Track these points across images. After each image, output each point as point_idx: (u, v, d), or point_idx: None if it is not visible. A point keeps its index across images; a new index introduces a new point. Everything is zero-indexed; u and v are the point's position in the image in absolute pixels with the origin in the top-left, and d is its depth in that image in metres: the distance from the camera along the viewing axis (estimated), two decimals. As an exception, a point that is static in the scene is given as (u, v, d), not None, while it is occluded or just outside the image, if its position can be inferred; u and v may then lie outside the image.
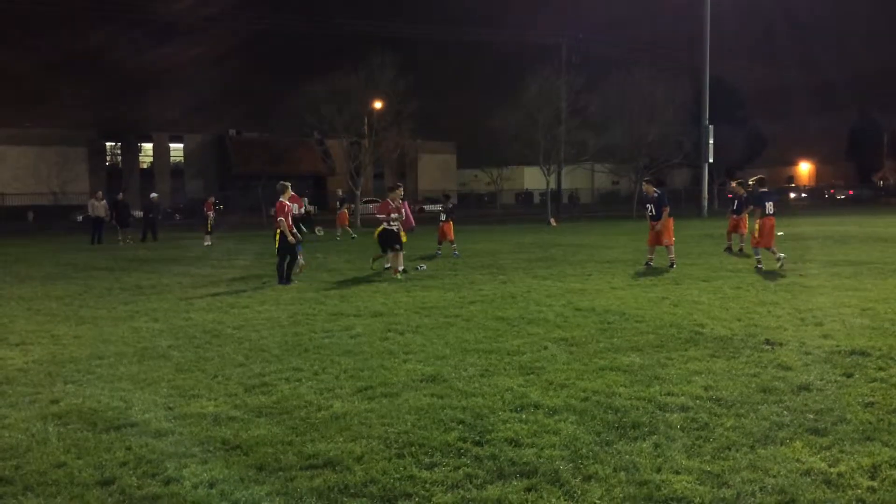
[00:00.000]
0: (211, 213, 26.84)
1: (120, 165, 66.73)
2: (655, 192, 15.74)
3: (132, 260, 20.24)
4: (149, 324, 9.91)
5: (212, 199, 28.47)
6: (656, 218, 15.41)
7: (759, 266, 14.45)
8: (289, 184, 14.49)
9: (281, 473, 4.61)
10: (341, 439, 5.16)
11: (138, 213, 37.26)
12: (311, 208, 25.79)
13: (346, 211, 29.14)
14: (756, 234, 14.82)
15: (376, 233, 15.14)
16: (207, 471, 4.66)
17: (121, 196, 29.70)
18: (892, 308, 9.81)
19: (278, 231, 13.83)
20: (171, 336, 9.01)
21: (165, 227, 37.64)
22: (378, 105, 43.66)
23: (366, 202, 48.90)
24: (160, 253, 22.73)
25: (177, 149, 70.39)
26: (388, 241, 14.92)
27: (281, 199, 13.99)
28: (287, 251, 13.95)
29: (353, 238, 27.13)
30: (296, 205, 16.19)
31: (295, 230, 14.07)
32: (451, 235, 19.42)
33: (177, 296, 12.60)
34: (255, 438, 5.21)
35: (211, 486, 4.46)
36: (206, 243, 25.31)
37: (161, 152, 69.41)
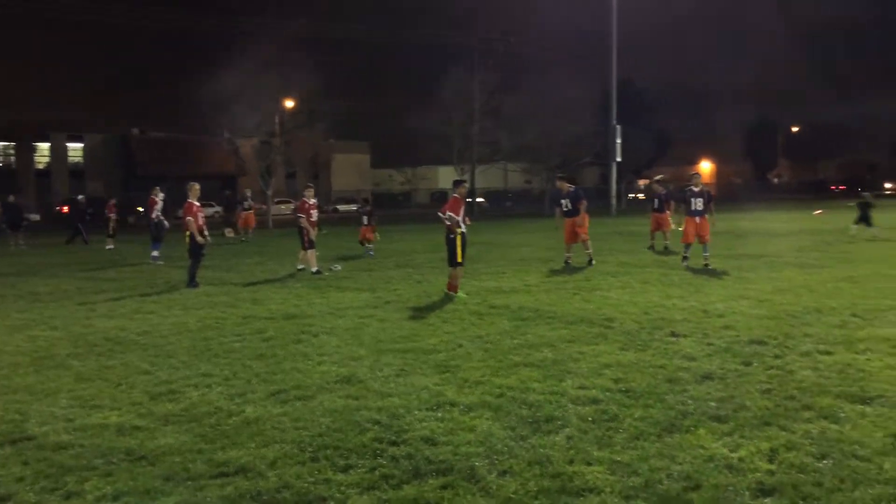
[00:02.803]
0: (113, 216, 25.79)
1: (14, 166, 63.36)
2: (570, 187, 15.86)
3: (28, 265, 19.22)
4: (46, 332, 9.43)
5: (114, 201, 27.33)
6: (573, 213, 15.45)
7: (686, 263, 14.47)
8: (196, 184, 14.10)
9: (190, 483, 4.46)
10: (253, 445, 5.05)
11: (35, 217, 35.32)
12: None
13: (252, 213, 28.40)
14: (685, 231, 14.66)
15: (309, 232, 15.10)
16: (111, 483, 4.47)
17: (11, 198, 28.17)
18: (786, 299, 10.33)
19: (188, 233, 13.50)
20: (70, 344, 8.61)
21: (61, 232, 35.93)
22: (289, 104, 42.93)
23: (278, 202, 48.08)
24: (58, 258, 21.66)
25: (76, 148, 67.23)
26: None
27: (189, 200, 13.62)
28: (197, 253, 13.60)
29: (242, 240, 26.38)
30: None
31: (206, 232, 13.71)
32: (371, 236, 19.83)
33: (76, 302, 12.04)
34: (162, 448, 5.03)
35: (115, 498, 4.28)
36: (108, 247, 24.31)
37: (59, 152, 66.22)
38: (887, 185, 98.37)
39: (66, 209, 25.61)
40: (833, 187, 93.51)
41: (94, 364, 7.56)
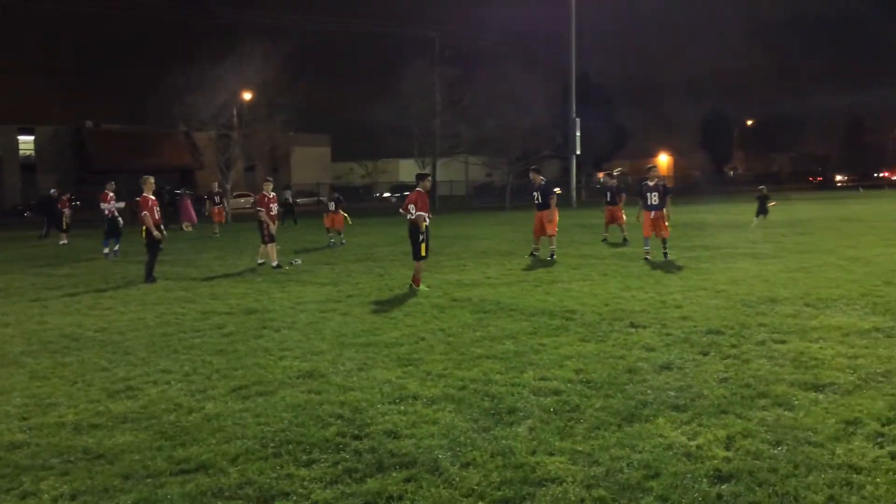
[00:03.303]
0: (67, 210, 25.20)
1: (-39, 159, 61.54)
2: (542, 180, 15.90)
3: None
4: (-1, 329, 9.20)
5: (68, 196, 26.68)
6: (543, 206, 15.51)
7: (647, 257, 14.48)
8: (151, 178, 13.88)
9: (149, 480, 4.40)
10: (214, 441, 4.99)
11: None
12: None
13: (223, 206, 28.06)
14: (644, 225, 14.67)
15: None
16: (68, 482, 4.39)
17: None
18: (742, 290, 10.54)
19: (144, 227, 13.31)
20: (23, 341, 8.41)
21: (13, 227, 35.07)
22: (248, 96, 42.32)
23: (237, 196, 47.49)
24: (11, 253, 21.13)
25: (27, 141, 65.50)
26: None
27: (144, 194, 13.42)
28: (154, 248, 13.40)
29: (215, 234, 26.13)
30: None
31: (162, 226, 13.51)
32: (341, 225, 20.45)
33: (29, 298, 11.76)
34: (121, 446, 4.96)
35: (72, 498, 4.21)
36: (61, 242, 23.77)
37: (9, 145, 64.43)
38: (838, 178, 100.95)
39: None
40: (810, 178, 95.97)
41: (49, 362, 7.40)
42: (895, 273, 11.71)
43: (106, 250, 18.58)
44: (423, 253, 11.47)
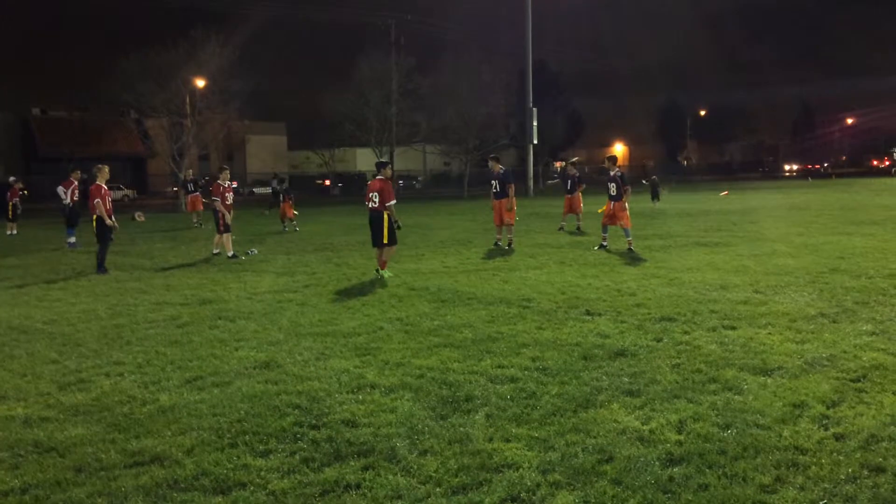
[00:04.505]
0: (16, 200, 24.50)
1: None
2: (501, 168, 15.92)
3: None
4: (-57, 322, 8.93)
5: (18, 185, 25.89)
6: (501, 195, 15.51)
7: (604, 244, 14.63)
8: (106, 167, 13.61)
9: (103, 473, 4.34)
10: (169, 433, 4.94)
11: None
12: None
13: (199, 195, 26.73)
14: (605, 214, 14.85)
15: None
16: (18, 476, 4.31)
17: None
18: (694, 277, 10.76)
19: (95, 216, 13.05)
20: (-30, 334, 8.18)
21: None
22: (200, 83, 41.52)
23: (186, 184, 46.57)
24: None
25: (-29, 129, 63.48)
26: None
27: (98, 182, 13.15)
28: (105, 237, 13.15)
29: (195, 225, 25.18)
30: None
31: (113, 216, 13.26)
32: (291, 213, 21.55)
33: (-24, 290, 11.44)
34: (73, 439, 4.87)
35: (23, 491, 4.13)
36: (9, 232, 23.14)
37: (-48, 133, 62.35)
38: (786, 168, 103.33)
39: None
40: (808, 165, 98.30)
41: (-4, 355, 7.22)
42: (841, 260, 12.07)
43: (72, 240, 18.09)
44: (386, 240, 11.49)
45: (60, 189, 19.23)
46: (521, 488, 4.02)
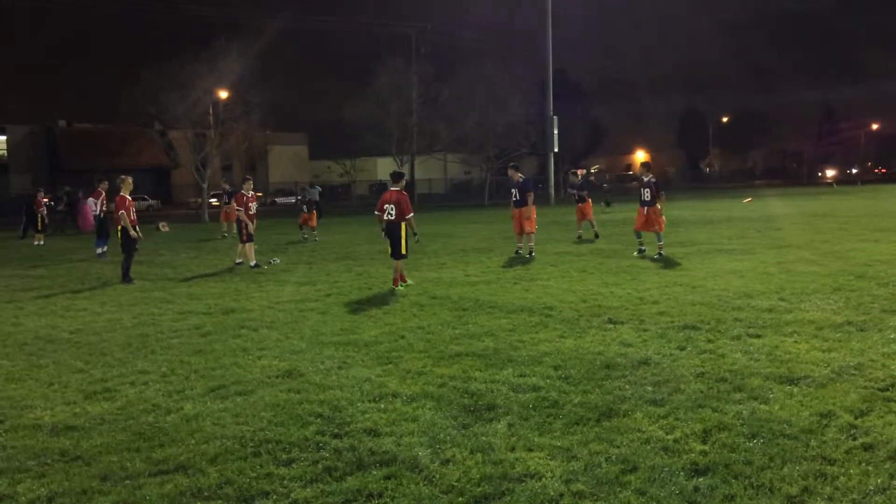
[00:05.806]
0: (42, 211, 24.86)
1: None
2: (520, 177, 15.93)
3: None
4: (-28, 332, 9.07)
5: (43, 196, 26.23)
6: (521, 204, 15.51)
7: (642, 248, 14.71)
8: (130, 178, 13.80)
9: (128, 482, 4.37)
10: (193, 442, 4.97)
11: None
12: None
13: (234, 205, 26.52)
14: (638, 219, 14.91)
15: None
16: (45, 485, 4.35)
17: None
18: (717, 285, 10.66)
19: (120, 227, 13.23)
20: (-2, 344, 8.30)
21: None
22: (223, 94, 41.95)
23: (214, 195, 47.00)
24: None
25: (-1, 141, 64.59)
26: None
27: (122, 194, 13.33)
28: (129, 248, 13.31)
29: (224, 236, 25.10)
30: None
31: (138, 226, 13.42)
32: (314, 223, 21.82)
33: (4, 300, 11.60)
34: (98, 447, 4.91)
35: (50, 500, 4.17)
36: (36, 243, 23.48)
37: (-20, 145, 63.46)
38: (828, 174, 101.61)
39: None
40: (847, 170, 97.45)
41: (25, 363, 7.32)
42: (868, 267, 11.90)
43: (100, 250, 18.33)
44: (404, 251, 11.47)
45: (91, 200, 19.49)
46: (543, 498, 4.00)
